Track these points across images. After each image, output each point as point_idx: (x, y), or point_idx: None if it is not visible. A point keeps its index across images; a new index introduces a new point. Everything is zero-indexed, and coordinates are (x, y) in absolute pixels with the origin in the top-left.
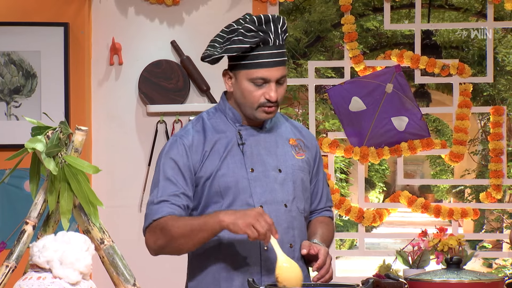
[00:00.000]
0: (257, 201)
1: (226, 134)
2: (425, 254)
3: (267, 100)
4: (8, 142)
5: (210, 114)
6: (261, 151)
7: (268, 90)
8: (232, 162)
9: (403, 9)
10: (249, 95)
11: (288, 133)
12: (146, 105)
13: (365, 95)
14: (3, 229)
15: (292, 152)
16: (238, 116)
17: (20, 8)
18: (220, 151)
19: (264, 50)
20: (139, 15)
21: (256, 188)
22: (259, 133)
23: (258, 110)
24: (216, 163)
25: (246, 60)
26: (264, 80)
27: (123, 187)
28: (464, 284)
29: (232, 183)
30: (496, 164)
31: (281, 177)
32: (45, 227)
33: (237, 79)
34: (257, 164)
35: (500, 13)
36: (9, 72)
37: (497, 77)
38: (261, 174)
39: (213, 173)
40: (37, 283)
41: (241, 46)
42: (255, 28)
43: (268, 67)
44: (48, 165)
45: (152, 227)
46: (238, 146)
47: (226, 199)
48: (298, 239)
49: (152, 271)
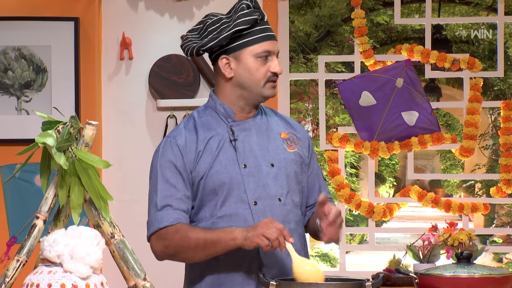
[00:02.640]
0: (251, 196)
1: (218, 131)
2: (435, 248)
3: (272, 73)
4: (19, 136)
5: (201, 112)
6: (253, 146)
7: (273, 63)
8: (225, 158)
9: (413, 4)
10: (256, 71)
11: (279, 127)
12: (156, 99)
13: (375, 90)
14: (14, 224)
15: (284, 145)
16: (230, 111)
17: (30, 3)
18: (212, 148)
19: (262, 25)
20: (149, 9)
21: (249, 183)
22: (251, 127)
23: (266, 86)
24: (209, 161)
25: (248, 37)
26: (268, 53)
27: (133, 182)
28: (475, 278)
29: (225, 179)
30: (506, 159)
31: (274, 172)
32: (56, 221)
33: (240, 60)
34: (249, 159)
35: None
36: (19, 67)
37: (507, 72)
38: (254, 170)
39: (206, 171)
40: (48, 277)
41: (251, 18)
42: (252, 6)
43: (269, 40)
44: (59, 160)
45: (160, 234)
46: (230, 142)
47: (221, 195)
48: (294, 232)
49: (162, 265)
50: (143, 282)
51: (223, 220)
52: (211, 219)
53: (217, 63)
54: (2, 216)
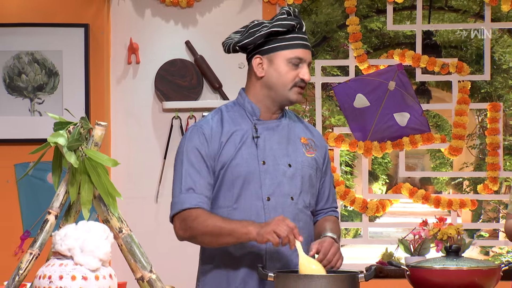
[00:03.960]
0: (266, 192)
1: (242, 126)
2: (426, 242)
3: (300, 79)
4: (32, 136)
5: (229, 107)
6: (273, 145)
7: (303, 70)
8: (246, 153)
9: (405, 11)
10: (286, 75)
11: (300, 132)
12: (162, 101)
13: (368, 92)
14: (27, 219)
15: (303, 149)
16: (256, 110)
17: (43, 10)
18: (235, 142)
19: (299, 34)
20: (155, 16)
21: (266, 180)
22: (274, 128)
23: (292, 90)
24: (231, 153)
25: (284, 42)
26: (300, 60)
27: (140, 179)
28: (463, 271)
29: (244, 173)
30: (493, 158)
31: (290, 172)
32: (67, 216)
33: (272, 61)
34: (268, 157)
35: (497, 14)
36: (32, 71)
37: (494, 75)
38: (271, 167)
39: (227, 162)
40: (59, 269)
41: (289, 23)
42: (292, 13)
43: (303, 48)
44: (70, 158)
45: (182, 216)
46: (253, 138)
47: (237, 187)
48: (303, 231)
49: (168, 258)
50: (149, 274)
51: (237, 212)
52: (227, 209)
53: (251, 62)
54: (16, 211)
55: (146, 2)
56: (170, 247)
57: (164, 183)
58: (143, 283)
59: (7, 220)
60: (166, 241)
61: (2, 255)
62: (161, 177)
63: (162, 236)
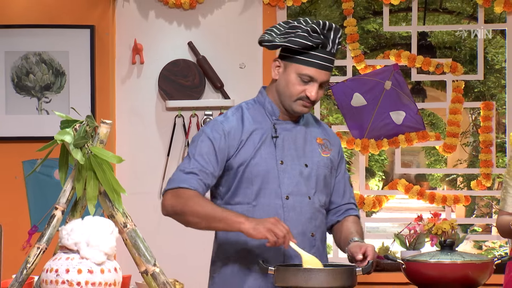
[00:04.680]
0: (284, 191)
1: (262, 125)
2: (421, 237)
3: (306, 96)
4: (39, 134)
5: (249, 105)
6: (291, 145)
7: (311, 88)
8: (265, 152)
9: (400, 13)
10: (292, 87)
11: (317, 133)
12: (165, 100)
13: (365, 92)
14: (35, 214)
15: (319, 149)
16: (276, 110)
17: (50, 12)
18: (255, 141)
19: (320, 52)
20: (159, 18)
21: (284, 179)
22: (292, 128)
23: (296, 102)
24: (251, 151)
25: (301, 56)
26: (310, 78)
27: (144, 176)
28: (457, 264)
29: (262, 172)
30: (486, 155)
31: (306, 172)
32: (73, 212)
33: (286, 69)
34: (286, 157)
35: (490, 16)
36: (40, 71)
37: (487, 75)
38: (289, 167)
39: (246, 161)
40: (66, 263)
41: (305, 42)
42: (320, 31)
43: (318, 68)
44: (76, 155)
45: (175, 192)
46: (272, 138)
47: (256, 186)
48: (318, 229)
49: (171, 252)
50: (153, 267)
51: (256, 209)
52: (246, 205)
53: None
54: (24, 207)
55: (150, 4)
56: (173, 242)
57: (167, 180)
58: (147, 276)
59: (16, 215)
60: (170, 236)
61: (11, 249)
62: (164, 173)
63: (165, 231)
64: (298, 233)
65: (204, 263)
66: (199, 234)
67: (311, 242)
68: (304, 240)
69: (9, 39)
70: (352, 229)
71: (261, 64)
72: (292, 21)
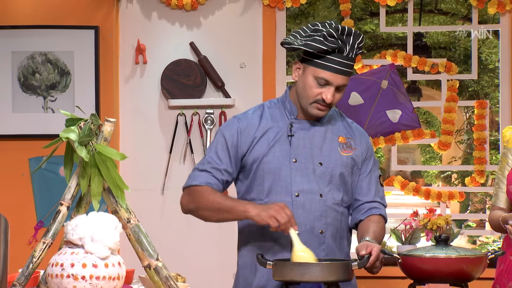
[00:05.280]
0: (295, 188)
1: (279, 124)
2: (416, 232)
3: (322, 99)
4: (45, 132)
5: (272, 104)
6: (307, 144)
7: (327, 91)
8: (279, 150)
9: (397, 14)
10: (309, 89)
11: (340, 131)
12: (168, 99)
13: (363, 91)
14: (41, 210)
15: (339, 148)
16: (294, 110)
17: (56, 13)
18: (269, 138)
19: (337, 57)
20: (161, 19)
21: (296, 177)
22: (310, 128)
23: (312, 105)
24: (264, 149)
25: (318, 59)
26: (326, 82)
27: (147, 173)
28: (452, 259)
29: (275, 170)
30: (480, 152)
31: (320, 170)
32: (78, 208)
33: (304, 72)
34: (301, 155)
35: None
36: (46, 70)
37: (481, 75)
38: (302, 165)
39: (259, 158)
40: (71, 257)
41: (319, 46)
42: (336, 36)
43: (334, 72)
44: (81, 153)
45: (189, 190)
46: (288, 137)
47: (267, 182)
48: (330, 226)
49: (174, 246)
50: (155, 262)
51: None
52: (259, 202)
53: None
54: (30, 203)
55: (153, 5)
56: (175, 236)
57: (170, 176)
58: (150, 270)
59: (22, 211)
60: (172, 231)
61: (17, 244)
62: (166, 170)
63: (168, 226)
64: (306, 230)
65: (205, 257)
66: (200, 229)
67: (319, 240)
68: (312, 237)
69: (15, 40)
70: (370, 228)
71: (261, 64)
72: (316, 24)
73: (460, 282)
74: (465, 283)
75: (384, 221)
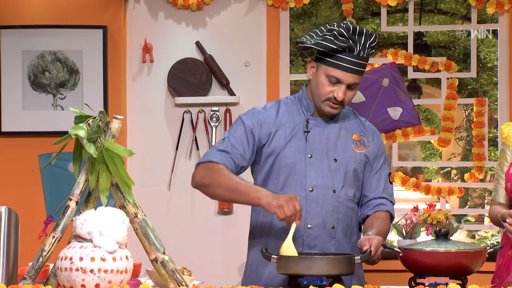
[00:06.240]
0: (309, 183)
1: (296, 120)
2: (417, 226)
3: (334, 97)
4: (55, 129)
5: (289, 100)
6: (322, 140)
7: (338, 90)
8: (295, 146)
9: (398, 14)
10: (322, 88)
11: (354, 129)
12: (174, 97)
13: (364, 89)
14: (51, 205)
15: (352, 145)
16: (310, 106)
17: (65, 13)
18: (286, 134)
19: (348, 56)
20: (168, 19)
21: (311, 172)
22: (326, 125)
23: (324, 103)
24: (281, 144)
25: (330, 58)
26: (337, 80)
27: (154, 169)
28: (451, 253)
29: (290, 164)
30: (478, 149)
31: (335, 166)
32: (87, 203)
33: (317, 70)
34: (316, 151)
35: (483, 16)
36: (55, 69)
37: (479, 73)
38: (318, 161)
39: (276, 152)
40: (80, 251)
41: (329, 45)
42: (347, 35)
43: (345, 71)
44: (89, 149)
45: (206, 165)
46: (304, 133)
47: (282, 176)
48: (341, 222)
49: (180, 240)
50: (162, 255)
51: None
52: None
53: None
54: (40, 198)
55: (160, 5)
56: (181, 231)
57: (176, 172)
58: (157, 264)
59: (32, 206)
60: (178, 226)
61: (27, 238)
62: (173, 166)
63: (174, 221)
64: (319, 224)
65: (210, 252)
66: (206, 224)
67: (331, 234)
68: (323, 232)
69: (26, 39)
70: (374, 224)
71: (265, 63)
72: (332, 24)
73: (459, 275)
74: (464, 277)
75: (390, 218)
